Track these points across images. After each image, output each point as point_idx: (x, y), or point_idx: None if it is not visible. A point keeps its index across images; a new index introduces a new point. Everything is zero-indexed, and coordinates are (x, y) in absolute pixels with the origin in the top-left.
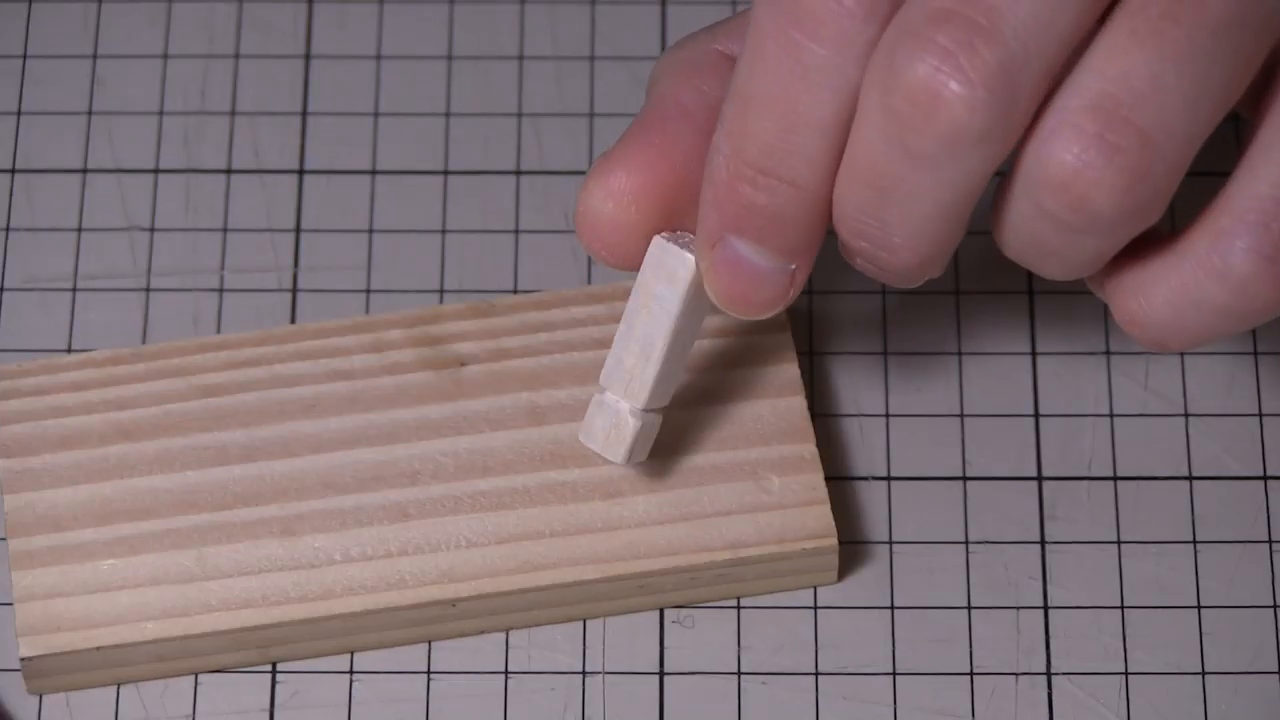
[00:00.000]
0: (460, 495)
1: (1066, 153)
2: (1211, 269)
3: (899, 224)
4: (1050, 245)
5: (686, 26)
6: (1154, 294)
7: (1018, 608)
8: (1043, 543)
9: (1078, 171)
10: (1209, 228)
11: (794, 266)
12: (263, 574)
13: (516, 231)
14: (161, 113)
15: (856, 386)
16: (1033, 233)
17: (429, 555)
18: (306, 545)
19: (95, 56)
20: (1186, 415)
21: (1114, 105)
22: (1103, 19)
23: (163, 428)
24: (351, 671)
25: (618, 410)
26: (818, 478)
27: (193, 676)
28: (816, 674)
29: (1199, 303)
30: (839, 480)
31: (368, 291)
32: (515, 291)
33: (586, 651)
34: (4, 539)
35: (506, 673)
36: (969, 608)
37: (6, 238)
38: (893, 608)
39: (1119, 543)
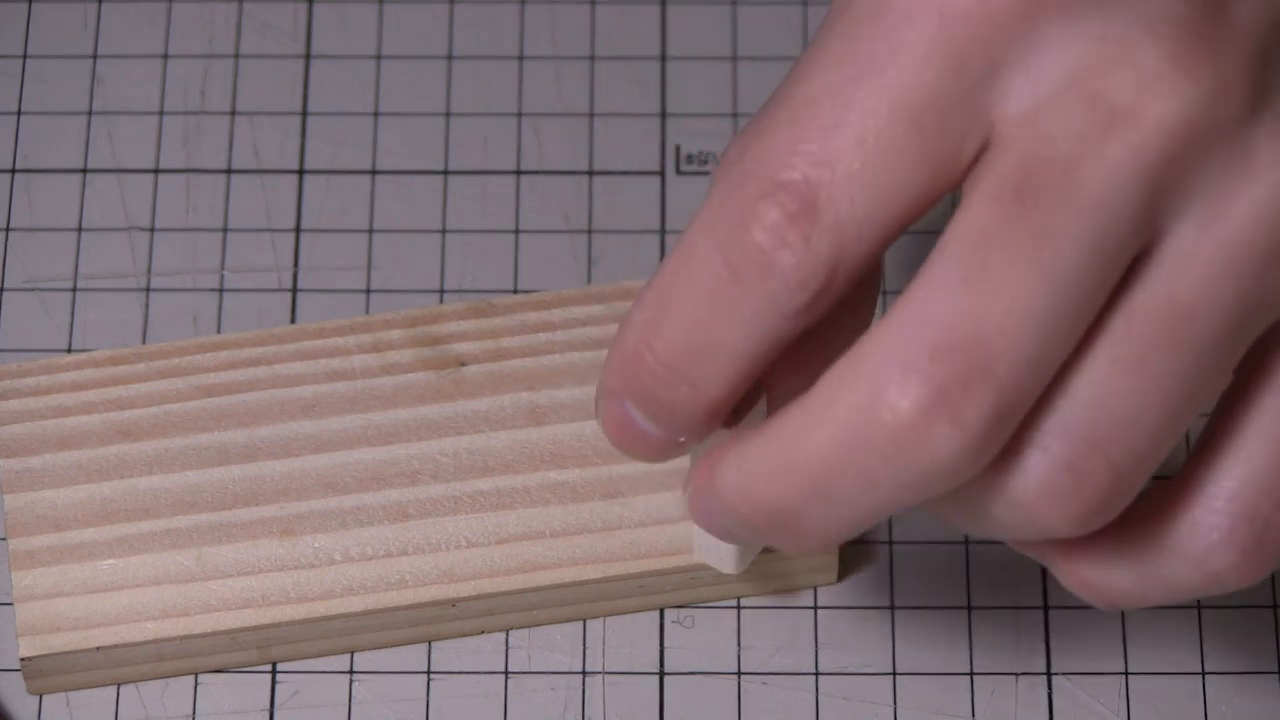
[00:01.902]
0: (460, 495)
1: (1031, 477)
2: (1188, 558)
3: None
4: (993, 531)
5: (686, 26)
6: (1121, 575)
7: (1018, 608)
8: None
9: (1040, 497)
10: (1188, 518)
11: (682, 439)
12: (262, 574)
13: (516, 231)
14: (161, 113)
15: None
16: (979, 527)
17: (429, 555)
18: (306, 545)
19: (95, 56)
20: None
21: (1088, 433)
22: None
23: (163, 428)
24: (351, 671)
25: None
26: None
27: (193, 676)
28: (816, 674)
29: (1168, 583)
30: None
31: (368, 291)
32: (515, 291)
33: (586, 651)
34: (4, 539)
35: (506, 673)
36: (969, 608)
37: (6, 238)
38: (893, 608)
39: None
